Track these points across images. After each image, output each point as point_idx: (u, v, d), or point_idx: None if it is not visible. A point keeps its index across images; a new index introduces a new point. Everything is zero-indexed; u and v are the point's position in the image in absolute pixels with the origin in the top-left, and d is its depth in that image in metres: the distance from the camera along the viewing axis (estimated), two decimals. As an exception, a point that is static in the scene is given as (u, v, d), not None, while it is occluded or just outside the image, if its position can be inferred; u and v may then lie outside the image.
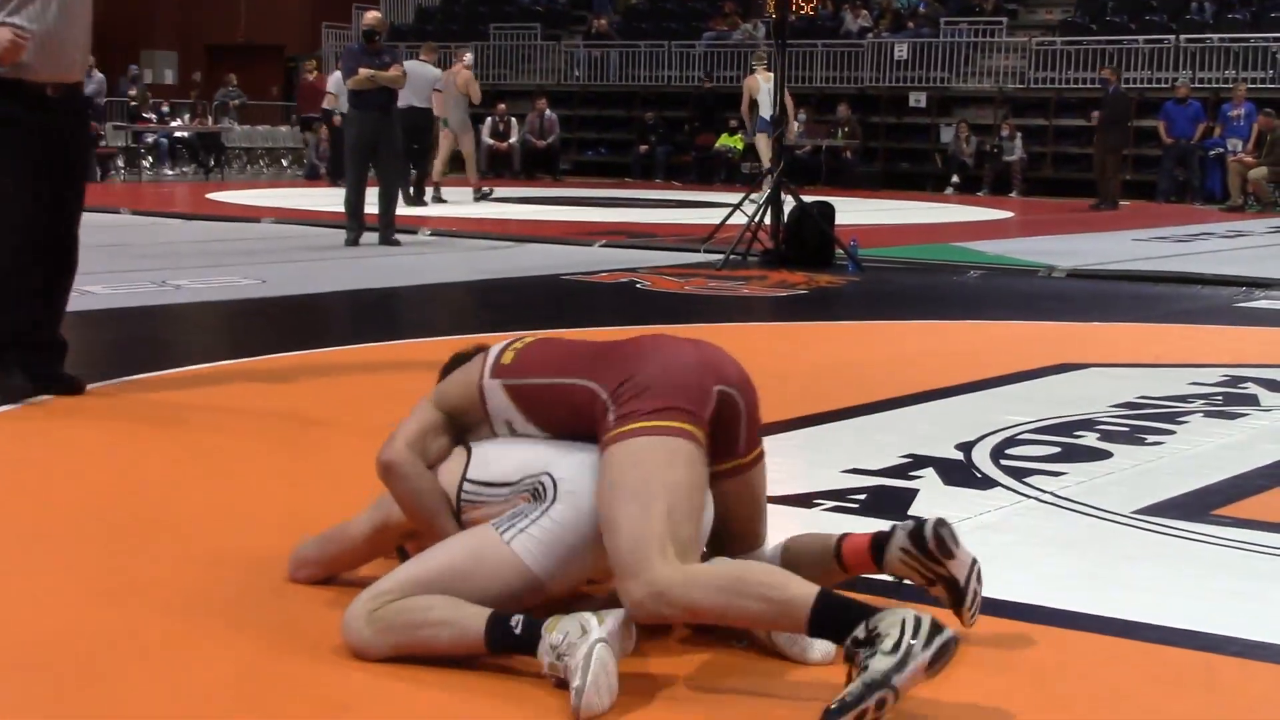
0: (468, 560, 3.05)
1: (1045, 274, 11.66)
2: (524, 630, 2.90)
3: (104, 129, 24.59)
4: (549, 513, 3.08)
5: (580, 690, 2.74)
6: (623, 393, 3.12)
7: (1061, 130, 25.11)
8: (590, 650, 2.77)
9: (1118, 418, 5.78)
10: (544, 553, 3.04)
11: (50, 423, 5.43)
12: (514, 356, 3.34)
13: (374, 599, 3.03)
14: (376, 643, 3.00)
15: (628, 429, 3.06)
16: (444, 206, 18.34)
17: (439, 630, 2.96)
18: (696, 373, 3.19)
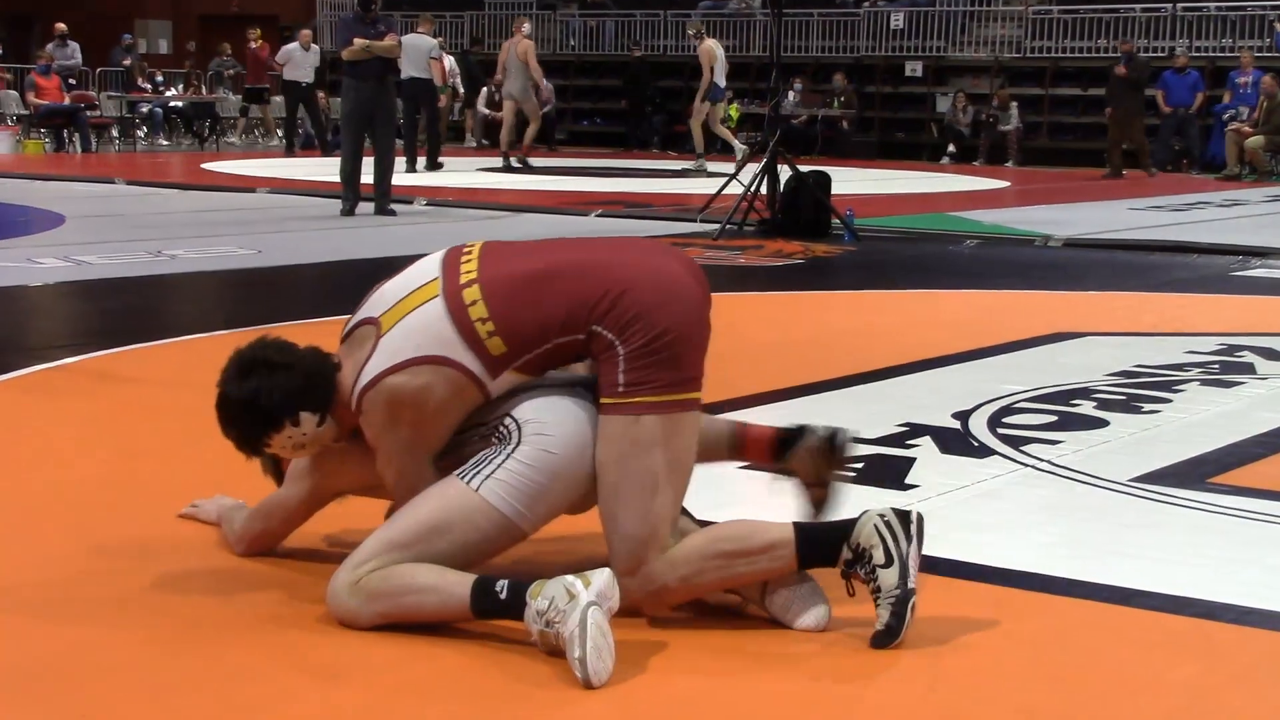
0: (439, 514, 3.03)
1: (1041, 243, 11.65)
2: (509, 595, 2.88)
3: (98, 98, 24.51)
4: (514, 454, 3.05)
5: (583, 661, 2.73)
6: (632, 339, 3.01)
7: (1058, 99, 25.07)
8: (584, 616, 2.76)
9: (1114, 386, 5.78)
10: (512, 495, 3.02)
11: (44, 394, 5.42)
12: (503, 343, 3.06)
13: (356, 569, 3.01)
14: (363, 612, 2.99)
15: (639, 401, 3.02)
16: (443, 174, 18.31)
17: (424, 597, 2.95)
18: (703, 319, 3.16)
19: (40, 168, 18.66)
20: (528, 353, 3.09)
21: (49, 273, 8.91)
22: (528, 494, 3.03)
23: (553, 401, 3.13)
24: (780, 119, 13.44)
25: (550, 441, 3.06)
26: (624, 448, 3.02)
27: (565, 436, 3.07)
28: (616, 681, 2.77)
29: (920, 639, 3.06)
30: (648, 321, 3.02)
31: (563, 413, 3.11)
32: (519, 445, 3.06)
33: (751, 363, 6.23)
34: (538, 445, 3.05)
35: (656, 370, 3.03)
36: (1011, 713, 2.70)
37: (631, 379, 3.02)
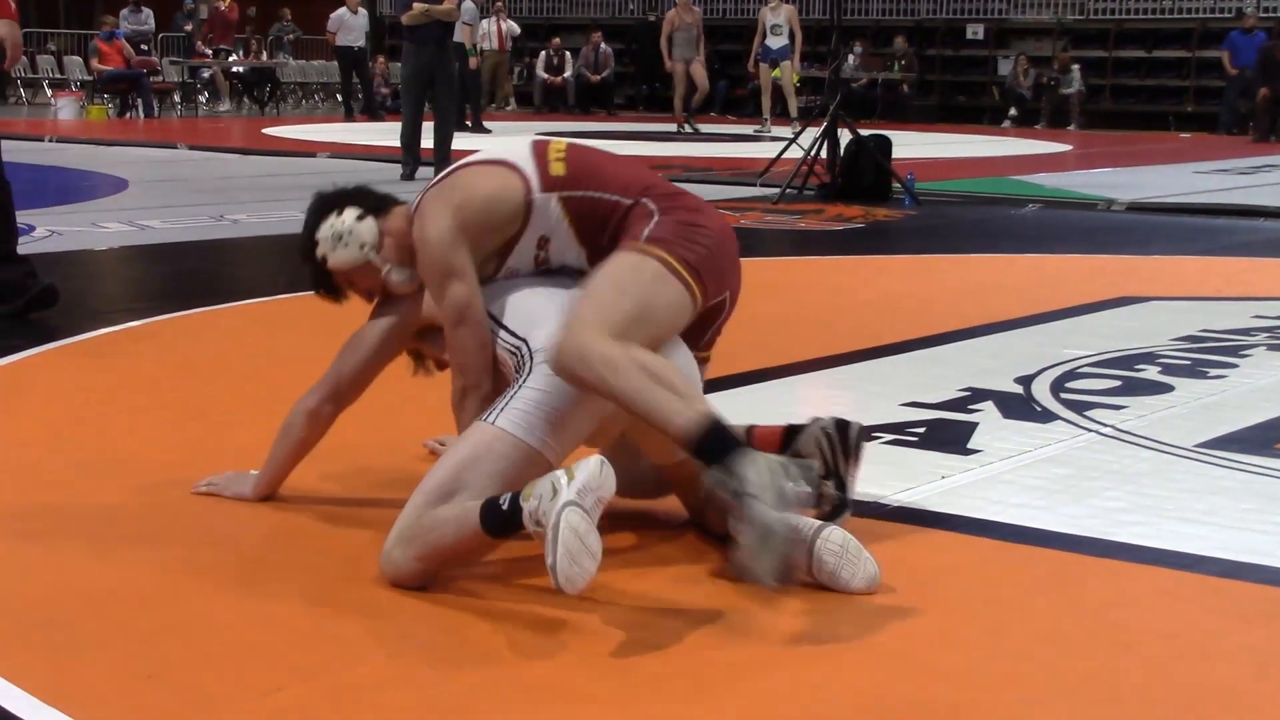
0: (466, 452, 3.04)
1: (1105, 207, 11.54)
2: (509, 505, 2.85)
3: (160, 64, 24.66)
4: (526, 383, 3.07)
5: (553, 568, 2.68)
6: (672, 213, 3.17)
7: (1121, 62, 24.82)
8: (557, 519, 2.68)
9: (1179, 351, 5.72)
10: (529, 421, 3.02)
11: (108, 355, 5.47)
12: (565, 168, 3.26)
13: (402, 522, 3.03)
14: (402, 562, 3.00)
15: (650, 248, 3.11)
16: (489, 138, 18.32)
17: (446, 529, 2.94)
18: (728, 269, 3.29)
19: (104, 133, 18.79)
20: (578, 189, 3.23)
21: (113, 237, 8.99)
22: (545, 418, 3.02)
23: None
24: (840, 83, 13.35)
25: None
26: (623, 262, 3.11)
27: None
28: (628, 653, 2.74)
29: (982, 604, 3.05)
30: (691, 214, 3.21)
31: None
32: (530, 374, 3.08)
33: (812, 327, 6.22)
34: (548, 371, 3.05)
35: (682, 246, 3.13)
36: (1074, 678, 2.69)
37: (655, 235, 3.13)
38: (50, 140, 17.33)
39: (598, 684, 2.63)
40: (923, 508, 3.68)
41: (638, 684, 2.63)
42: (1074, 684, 2.67)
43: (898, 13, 26.66)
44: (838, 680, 2.68)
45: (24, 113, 23.57)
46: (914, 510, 3.66)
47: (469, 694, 2.59)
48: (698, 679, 2.66)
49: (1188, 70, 24.18)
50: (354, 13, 22.10)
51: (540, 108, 26.66)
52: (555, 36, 27.09)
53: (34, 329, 5.84)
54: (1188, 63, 24.15)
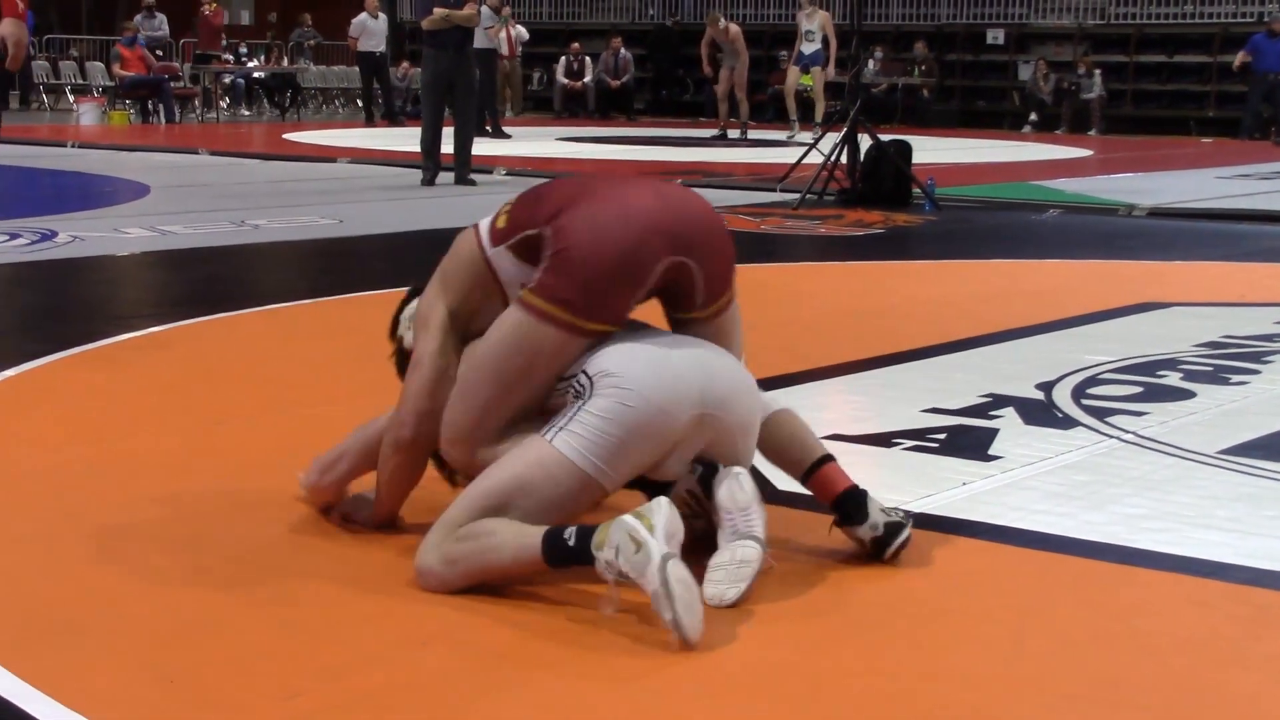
0: (522, 470, 3.02)
1: (1125, 212, 11.51)
2: (577, 541, 2.86)
3: (181, 69, 24.73)
4: (587, 407, 3.03)
5: (677, 624, 2.71)
6: (553, 257, 3.10)
7: (1142, 67, 24.76)
8: (664, 574, 2.71)
9: (1201, 357, 5.70)
10: (587, 447, 2.99)
11: (131, 361, 5.49)
12: (507, 220, 3.26)
13: (444, 529, 3.03)
14: (446, 574, 2.99)
15: (526, 297, 3.10)
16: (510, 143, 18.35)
17: (500, 553, 2.94)
18: (631, 256, 3.09)
19: (125, 138, 18.86)
20: (516, 232, 3.21)
21: (135, 242, 9.01)
22: (603, 447, 2.99)
23: (635, 355, 3.09)
24: (861, 88, 13.34)
25: (627, 395, 3.01)
26: (495, 335, 3.13)
27: (645, 390, 3.02)
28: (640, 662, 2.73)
29: (1003, 611, 3.04)
30: (562, 238, 3.10)
31: (645, 367, 3.06)
32: (592, 398, 3.04)
33: (832, 333, 6.21)
34: (613, 398, 3.02)
35: (558, 276, 3.08)
36: (1096, 684, 2.68)
37: (538, 280, 3.10)
38: (72, 146, 17.40)
39: (617, 694, 2.63)
40: (944, 514, 3.67)
41: (658, 692, 2.63)
42: (1096, 690, 2.66)
43: (918, 18, 26.63)
44: (858, 685, 2.67)
45: (46, 118, 23.66)
46: (935, 517, 3.65)
47: (488, 702, 2.59)
48: (714, 685, 2.65)
49: (1209, 75, 24.11)
50: (374, 18, 22.15)
51: (560, 113, 26.69)
52: (575, 42, 27.09)
53: (57, 335, 5.86)
54: (1209, 67, 24.08)
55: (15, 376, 5.10)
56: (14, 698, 2.54)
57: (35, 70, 25.53)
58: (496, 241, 3.25)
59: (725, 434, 3.12)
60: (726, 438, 3.12)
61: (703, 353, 3.17)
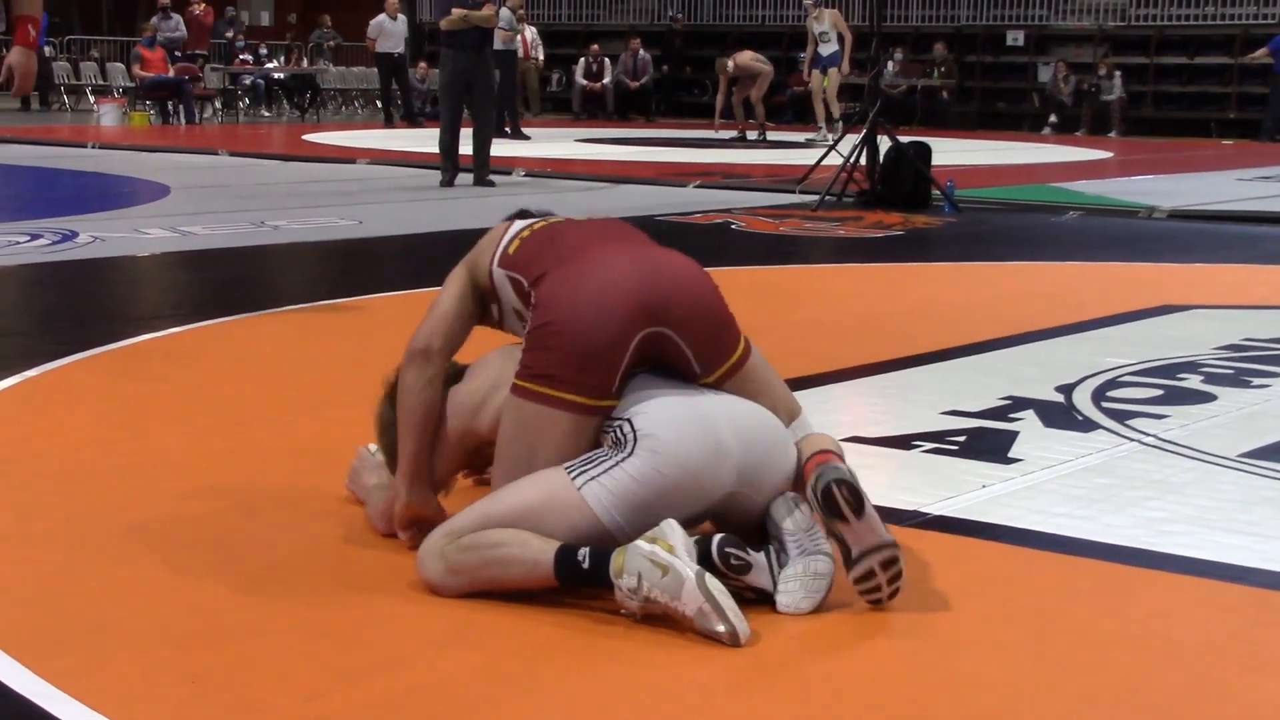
0: (539, 500, 3.02)
1: (1146, 214, 11.48)
2: (591, 564, 2.88)
3: (202, 70, 24.77)
4: (623, 465, 3.01)
5: (734, 634, 2.76)
6: (533, 335, 3.15)
7: (1163, 69, 24.69)
8: (707, 590, 2.76)
9: (1222, 360, 5.69)
10: (613, 504, 2.99)
11: (151, 361, 5.50)
12: (518, 246, 3.32)
13: (447, 536, 3.03)
14: (449, 580, 3.00)
15: (515, 383, 3.14)
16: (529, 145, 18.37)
17: (508, 565, 2.95)
18: (604, 332, 3.09)
19: (146, 139, 18.91)
20: (514, 269, 3.29)
21: (155, 243, 9.04)
22: (629, 507, 3.00)
23: (679, 416, 3.07)
24: (880, 89, 13.33)
25: (662, 461, 3.00)
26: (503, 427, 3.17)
27: (679, 458, 3.01)
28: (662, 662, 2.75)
29: (1024, 614, 3.04)
30: (544, 312, 3.15)
31: (683, 431, 3.04)
32: (630, 457, 3.02)
33: (851, 335, 6.21)
34: (649, 463, 3.00)
35: (542, 355, 3.11)
36: (1118, 689, 2.68)
37: (522, 360, 3.15)
38: (93, 146, 17.45)
39: (638, 695, 2.63)
40: (964, 517, 3.67)
41: (679, 694, 2.63)
42: (1118, 695, 2.65)
43: (937, 19, 26.59)
44: (879, 689, 2.67)
45: (67, 119, 23.73)
46: (955, 519, 3.65)
47: (509, 704, 2.59)
48: (734, 687, 2.65)
49: (1230, 77, 24.04)
50: (393, 19, 22.18)
51: (579, 114, 26.70)
52: (594, 43, 27.10)
53: (77, 336, 5.88)
54: (1230, 69, 24.00)
55: (37, 377, 5.12)
56: (37, 698, 2.55)
57: (56, 71, 25.62)
58: (503, 264, 3.33)
59: (751, 504, 3.11)
60: (752, 506, 3.11)
61: (744, 423, 3.13)
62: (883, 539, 2.99)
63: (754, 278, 8.04)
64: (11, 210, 11.44)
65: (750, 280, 7.94)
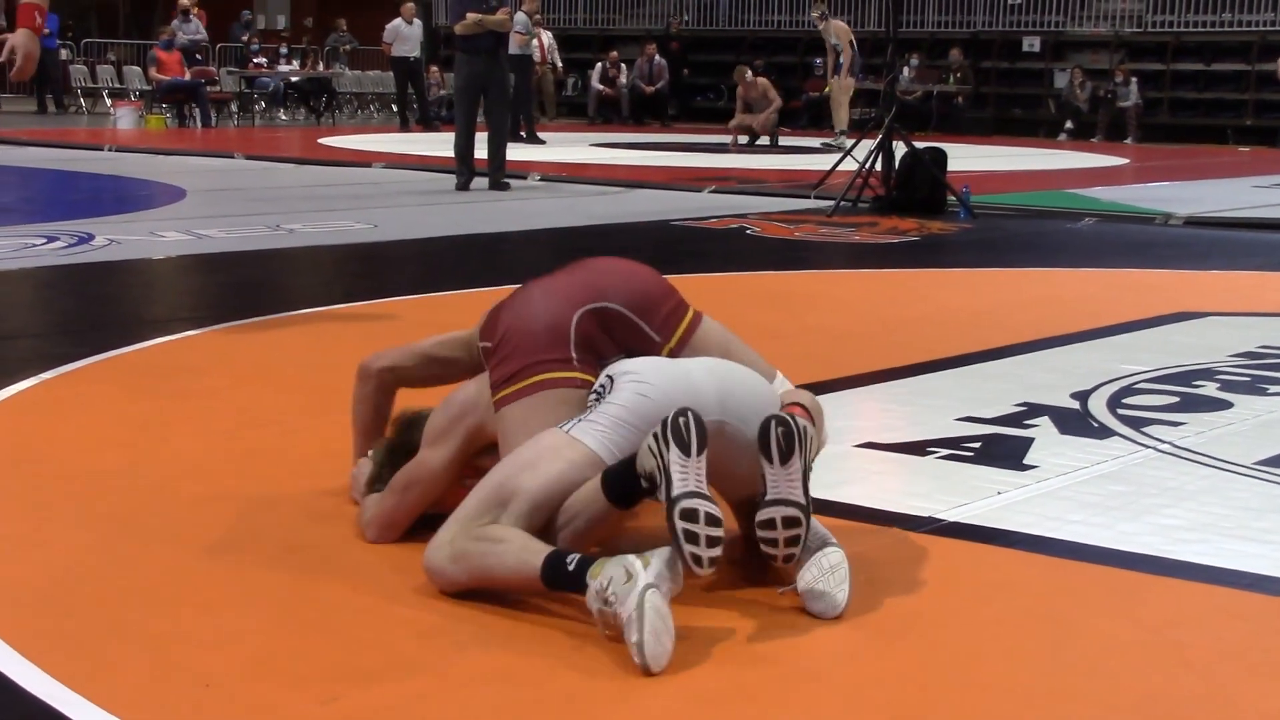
0: (528, 453, 3.06)
1: (1162, 221, 11.46)
2: (576, 568, 2.84)
3: (218, 73, 24.83)
4: (608, 400, 3.09)
5: (640, 645, 2.67)
6: (493, 353, 3.33)
7: (1179, 75, 24.65)
8: (641, 599, 2.68)
9: (1238, 367, 5.67)
10: (605, 435, 3.03)
11: (167, 364, 5.51)
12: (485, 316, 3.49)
13: (457, 523, 3.04)
14: (449, 567, 3.01)
15: (496, 400, 3.26)
16: (544, 149, 18.38)
17: (504, 559, 2.93)
18: (551, 311, 3.30)
19: (162, 142, 18.96)
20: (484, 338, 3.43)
21: (171, 246, 9.06)
22: (621, 433, 3.03)
23: (655, 362, 3.20)
24: (895, 95, 13.32)
25: (646, 388, 3.08)
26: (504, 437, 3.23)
27: (664, 387, 3.08)
28: (676, 667, 2.71)
29: (1039, 622, 3.03)
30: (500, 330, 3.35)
31: (664, 370, 3.15)
32: (612, 393, 3.10)
33: (866, 341, 6.20)
34: (633, 390, 3.08)
35: (500, 369, 3.28)
36: (1133, 697, 2.67)
37: (494, 379, 3.30)
38: (109, 149, 17.50)
39: (651, 701, 2.63)
40: (978, 524, 3.67)
41: (696, 698, 2.62)
42: (1133, 703, 2.65)
43: (953, 25, 26.57)
44: (891, 695, 2.66)
45: (83, 122, 23.80)
46: (969, 526, 3.64)
47: (525, 708, 2.59)
48: (748, 692, 2.65)
49: (1246, 84, 24.00)
50: (409, 23, 22.21)
51: (594, 119, 26.72)
52: (611, 48, 27.13)
53: (93, 338, 5.90)
54: (1246, 76, 23.96)
55: (52, 379, 5.13)
56: (51, 700, 2.56)
57: (73, 74, 25.69)
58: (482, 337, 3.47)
59: (740, 445, 3.08)
60: (742, 450, 3.08)
61: (717, 364, 3.24)
62: (794, 497, 2.95)
63: (768, 283, 8.04)
64: (28, 213, 11.49)
65: (765, 285, 7.94)
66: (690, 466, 2.85)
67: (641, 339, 3.33)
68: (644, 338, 3.34)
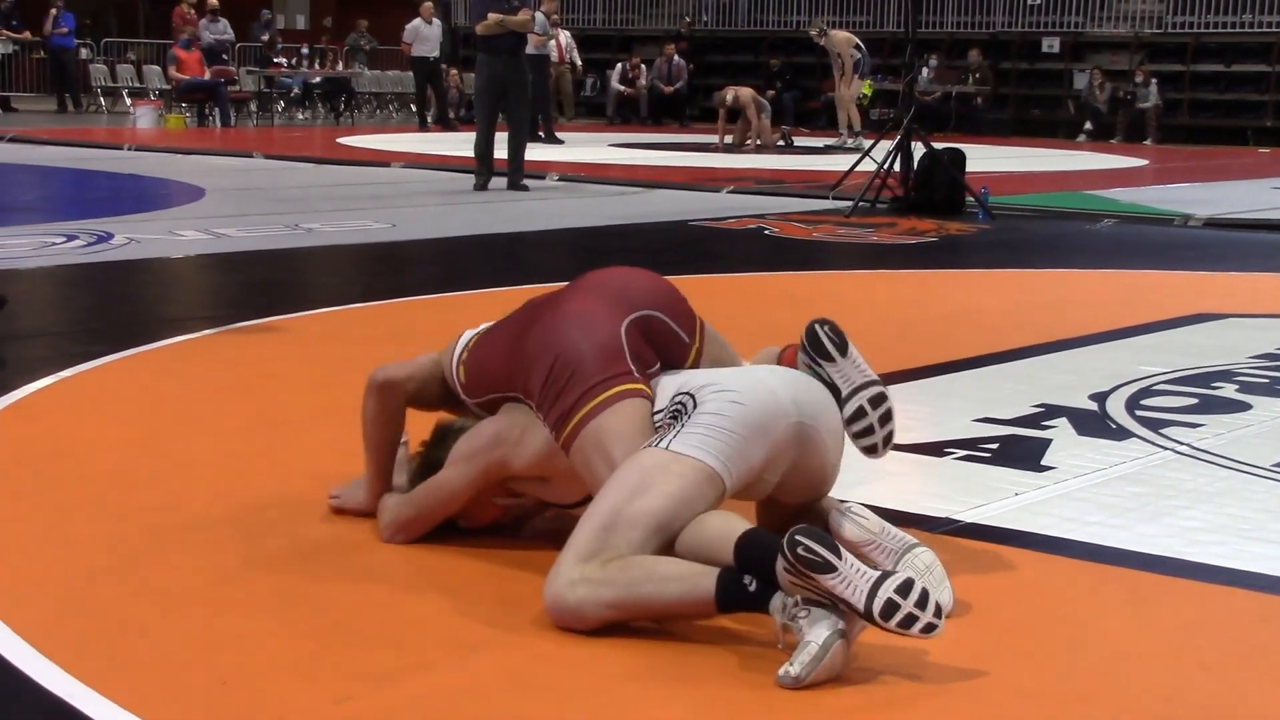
0: (636, 476, 2.93)
1: (1181, 222, 11.43)
2: (759, 588, 2.75)
3: (237, 73, 24.87)
4: (698, 414, 3.02)
5: (799, 678, 2.61)
6: (546, 390, 3.19)
7: (1199, 76, 24.57)
8: (831, 641, 2.63)
9: (1257, 369, 5.66)
10: (704, 443, 2.96)
11: (185, 363, 5.52)
12: (464, 371, 3.44)
13: (579, 564, 2.88)
14: (590, 603, 2.83)
15: (564, 435, 3.14)
16: (562, 149, 18.39)
17: (666, 585, 2.82)
18: (602, 329, 3.23)
19: (181, 142, 19.00)
20: (474, 396, 3.42)
21: (190, 245, 9.08)
22: (721, 441, 2.97)
23: (726, 373, 3.17)
24: (914, 96, 13.29)
25: (737, 395, 3.03)
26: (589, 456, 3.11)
27: (750, 388, 3.05)
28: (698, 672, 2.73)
29: (1057, 623, 3.02)
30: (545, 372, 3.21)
31: (741, 375, 3.13)
32: (700, 406, 3.04)
33: (885, 341, 6.18)
34: (723, 398, 3.02)
35: (570, 392, 3.16)
36: (1152, 699, 2.66)
37: (558, 416, 3.16)
38: (129, 148, 17.53)
39: (668, 707, 2.63)
40: (996, 524, 3.66)
41: (709, 705, 2.62)
42: (1152, 705, 2.64)
43: (973, 26, 26.52)
44: (911, 696, 2.66)
45: (103, 121, 23.85)
46: (987, 527, 3.64)
47: (538, 708, 2.59)
48: (768, 700, 2.65)
49: (1267, 84, 23.92)
50: (429, 23, 22.23)
51: (613, 119, 26.71)
52: (631, 50, 27.14)
53: (112, 337, 5.91)
54: (1267, 77, 23.88)
55: (71, 378, 5.15)
56: (69, 697, 2.57)
57: (93, 73, 25.74)
58: (467, 394, 3.44)
59: (818, 444, 3.09)
60: (819, 448, 3.09)
61: (777, 369, 3.22)
62: (869, 376, 3.11)
63: (786, 283, 8.03)
64: (48, 211, 11.52)
65: (782, 286, 7.93)
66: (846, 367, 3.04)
67: (676, 342, 3.34)
68: (678, 341, 3.34)
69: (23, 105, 25.56)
